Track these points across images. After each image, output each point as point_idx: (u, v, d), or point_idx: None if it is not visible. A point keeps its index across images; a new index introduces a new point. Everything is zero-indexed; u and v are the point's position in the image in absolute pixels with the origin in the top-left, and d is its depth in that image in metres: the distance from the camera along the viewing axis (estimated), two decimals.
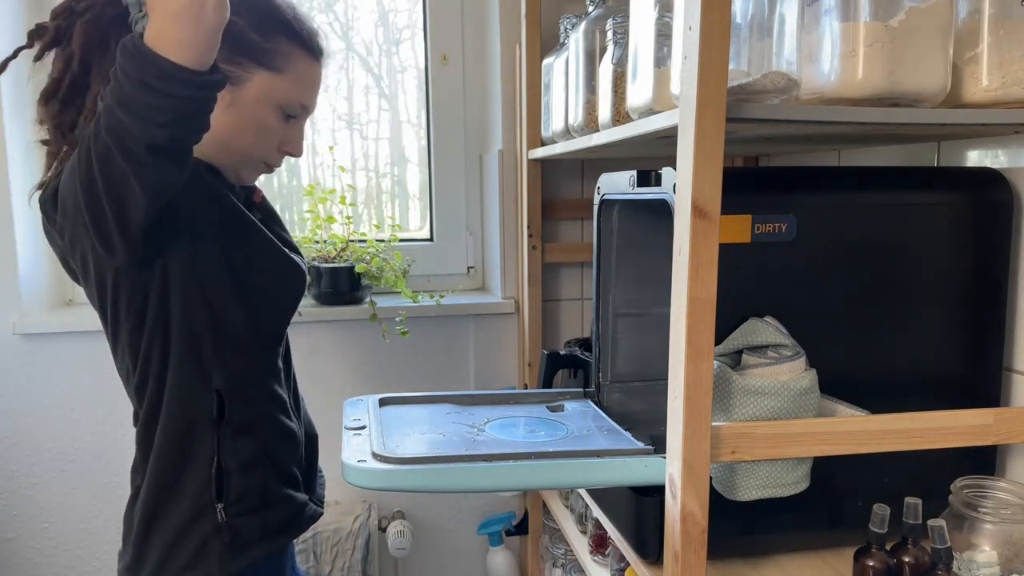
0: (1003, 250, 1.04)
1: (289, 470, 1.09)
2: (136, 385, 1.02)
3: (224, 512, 1.00)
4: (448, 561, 1.91)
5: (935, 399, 1.02)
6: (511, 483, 0.99)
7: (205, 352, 0.99)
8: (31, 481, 1.69)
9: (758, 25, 0.84)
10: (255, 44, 0.97)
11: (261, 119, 1.01)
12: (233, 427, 1.01)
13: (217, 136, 0.96)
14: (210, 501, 1.00)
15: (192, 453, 1.00)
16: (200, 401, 1.00)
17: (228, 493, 1.01)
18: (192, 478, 1.00)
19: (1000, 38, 0.86)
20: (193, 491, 1.00)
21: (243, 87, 0.98)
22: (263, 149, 1.04)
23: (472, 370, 1.85)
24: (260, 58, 0.98)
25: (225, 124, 0.98)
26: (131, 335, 0.99)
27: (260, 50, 0.98)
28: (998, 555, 0.88)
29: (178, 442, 1.01)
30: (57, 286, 1.77)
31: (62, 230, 0.94)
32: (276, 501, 1.06)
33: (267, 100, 1.00)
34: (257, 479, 1.03)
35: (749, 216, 0.94)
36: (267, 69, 0.99)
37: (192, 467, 1.00)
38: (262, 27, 0.98)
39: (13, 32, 1.63)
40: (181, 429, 1.00)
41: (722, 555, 1.00)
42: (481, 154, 1.94)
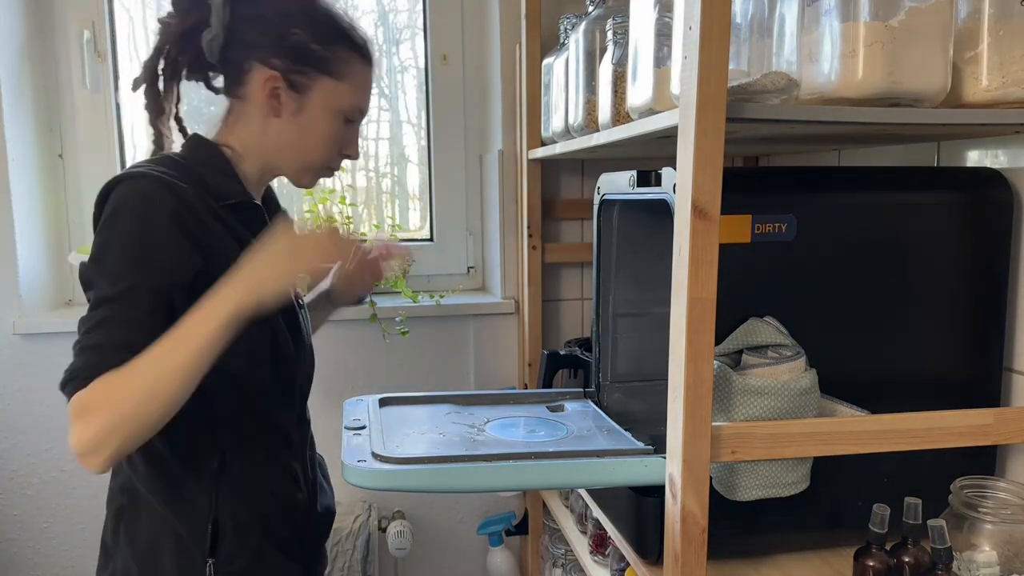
0: (1003, 250, 1.04)
1: (286, 537, 1.06)
2: None
3: (213, 568, 0.98)
4: (448, 561, 1.91)
5: (935, 399, 1.02)
6: (511, 483, 0.99)
7: (219, 408, 0.98)
8: (31, 481, 1.69)
9: (758, 25, 0.84)
10: (318, 54, 1.01)
11: (325, 125, 1.04)
12: (232, 487, 1.00)
13: (284, 143, 1.03)
14: (202, 555, 0.98)
15: (193, 504, 0.98)
16: (204, 453, 0.99)
17: (220, 550, 0.99)
18: (190, 526, 0.98)
19: (1000, 38, 0.86)
20: (188, 538, 0.98)
21: (308, 95, 1.02)
22: (327, 154, 1.07)
23: (472, 370, 1.85)
24: (323, 66, 1.02)
25: (292, 131, 1.02)
26: None
27: (323, 59, 1.01)
28: (998, 555, 0.88)
29: (177, 486, 0.99)
30: (57, 286, 1.77)
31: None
32: (265, 566, 1.03)
33: (331, 106, 1.03)
34: (251, 541, 1.02)
35: (749, 216, 0.94)
36: (330, 76, 1.02)
37: (189, 516, 0.98)
38: (323, 37, 1.01)
39: (13, 32, 1.63)
40: (182, 474, 0.99)
41: (722, 555, 0.99)
42: (481, 154, 1.94)
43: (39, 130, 1.71)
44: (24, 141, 1.64)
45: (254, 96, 1.01)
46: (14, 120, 1.61)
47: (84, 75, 1.74)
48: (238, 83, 1.02)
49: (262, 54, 0.99)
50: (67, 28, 1.73)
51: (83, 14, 1.73)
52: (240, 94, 1.02)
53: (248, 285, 0.87)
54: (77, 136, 1.76)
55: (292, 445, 1.09)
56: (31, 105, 1.68)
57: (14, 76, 1.62)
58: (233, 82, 1.02)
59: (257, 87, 1.00)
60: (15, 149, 1.61)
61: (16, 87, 1.62)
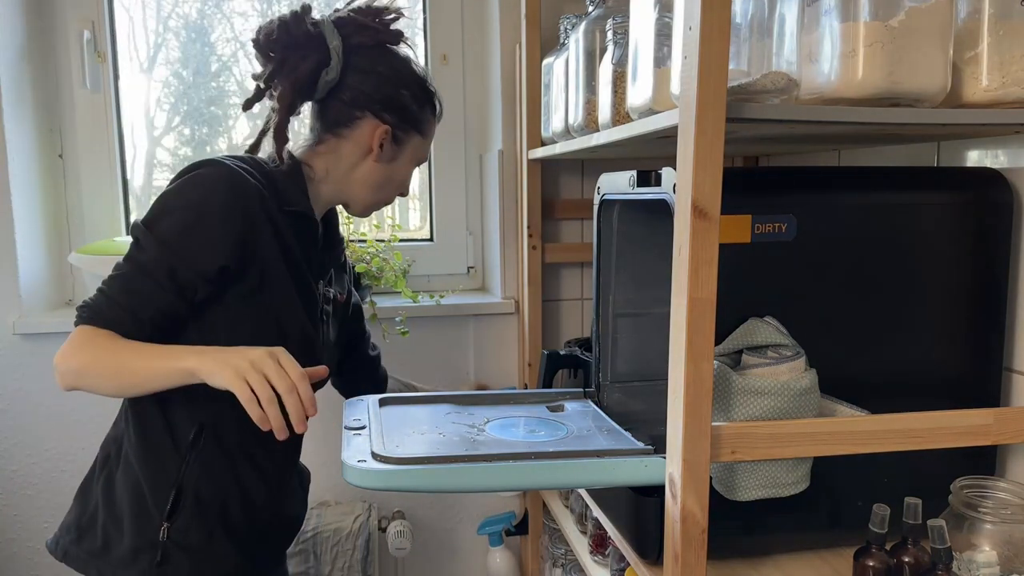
0: (1003, 250, 1.04)
1: (240, 532, 1.12)
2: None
3: (167, 533, 1.06)
4: (448, 561, 1.91)
5: (935, 399, 1.02)
6: (511, 483, 0.99)
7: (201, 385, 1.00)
8: (31, 481, 1.69)
9: (758, 25, 0.84)
10: (416, 115, 1.17)
11: (405, 173, 1.22)
12: (203, 461, 1.08)
13: (369, 182, 1.18)
14: (160, 517, 1.06)
15: (163, 466, 1.08)
16: (183, 423, 1.08)
17: (177, 518, 1.06)
18: (154, 488, 1.07)
19: (1000, 38, 0.86)
20: (151, 499, 1.07)
21: (403, 148, 1.18)
22: (395, 193, 1.24)
23: (472, 370, 1.85)
24: (418, 126, 1.18)
25: (380, 174, 1.18)
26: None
27: (419, 120, 1.18)
28: (998, 555, 0.88)
29: (153, 450, 1.08)
30: (57, 286, 1.77)
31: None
32: (215, 552, 1.09)
33: (414, 158, 1.21)
34: (207, 522, 1.08)
35: (749, 216, 0.94)
36: (420, 135, 1.19)
37: (157, 478, 1.07)
38: (421, 100, 1.18)
39: (13, 32, 1.63)
40: (161, 437, 1.08)
41: (722, 555, 0.99)
42: (481, 154, 1.94)
43: (39, 130, 1.71)
44: (24, 141, 1.64)
45: (359, 140, 1.15)
46: (14, 120, 1.61)
47: (84, 75, 1.74)
48: (344, 124, 1.15)
49: (376, 107, 1.14)
50: (67, 28, 1.72)
51: (83, 14, 1.73)
52: (343, 134, 1.15)
53: (213, 363, 0.96)
54: (77, 136, 1.76)
55: (268, 444, 1.09)
56: (31, 105, 1.68)
57: (14, 76, 1.62)
58: (338, 121, 1.15)
59: (366, 134, 1.15)
60: (15, 149, 1.61)
61: (16, 87, 1.62)
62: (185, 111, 1.89)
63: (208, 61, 1.88)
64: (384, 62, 1.15)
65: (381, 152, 1.15)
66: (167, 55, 1.87)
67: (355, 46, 1.12)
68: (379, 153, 1.15)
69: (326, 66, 1.11)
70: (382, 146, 1.15)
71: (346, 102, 1.13)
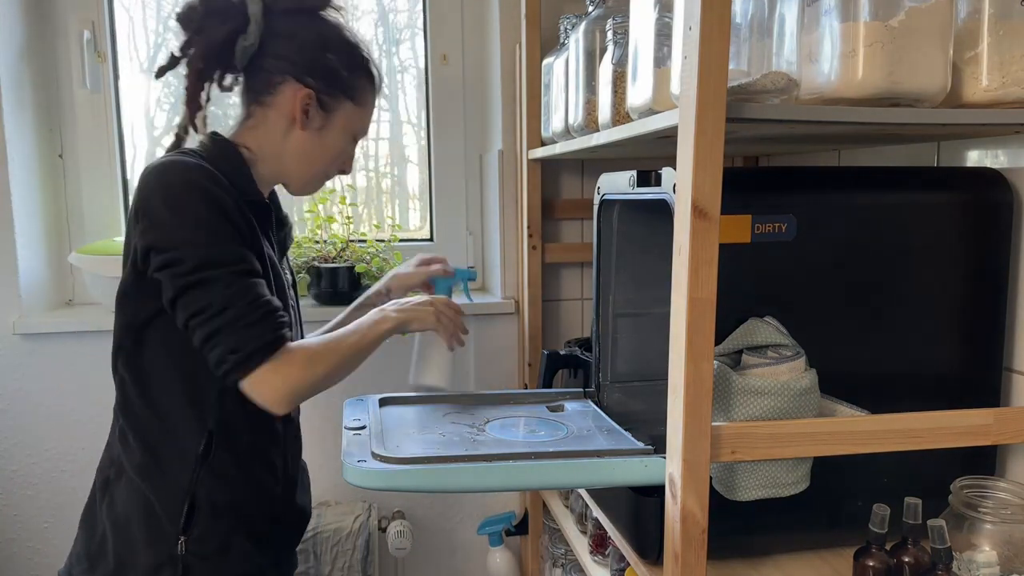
0: (1003, 250, 1.04)
1: (258, 528, 1.10)
2: (131, 398, 1.06)
3: (184, 546, 1.03)
4: (448, 561, 1.91)
5: (935, 399, 1.02)
6: (511, 483, 0.99)
7: (207, 392, 1.04)
8: (31, 481, 1.69)
9: (758, 25, 0.84)
10: (346, 79, 1.12)
11: (339, 143, 1.15)
12: (214, 469, 1.05)
13: (301, 153, 1.12)
14: (175, 531, 1.03)
15: (173, 481, 1.04)
16: (191, 435, 1.04)
17: (192, 529, 1.04)
18: (166, 503, 1.04)
19: (1000, 38, 0.86)
20: (163, 514, 1.04)
21: (333, 116, 1.12)
22: (332, 167, 1.18)
23: (472, 370, 1.85)
24: (349, 92, 1.13)
25: (310, 144, 1.12)
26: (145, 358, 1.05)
27: (350, 85, 1.12)
28: (998, 555, 0.88)
29: (160, 465, 1.05)
30: (57, 286, 1.77)
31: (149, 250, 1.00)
32: (235, 554, 1.07)
33: (348, 128, 1.15)
34: (224, 525, 1.06)
35: (749, 216, 0.94)
36: (352, 102, 1.13)
37: (168, 493, 1.04)
38: (351, 65, 1.12)
39: (13, 32, 1.63)
40: (169, 453, 1.05)
41: (722, 555, 0.99)
42: (481, 154, 1.94)
43: (39, 130, 1.71)
44: (24, 141, 1.64)
45: (282, 107, 1.09)
46: (14, 120, 1.61)
47: (84, 75, 1.74)
48: (267, 91, 1.09)
49: (298, 71, 1.08)
50: (67, 28, 1.72)
51: (83, 14, 1.73)
52: (266, 102, 1.10)
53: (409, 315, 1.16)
54: (77, 136, 1.76)
55: (276, 438, 1.13)
56: (31, 105, 1.68)
57: (14, 76, 1.62)
58: (261, 89, 1.10)
59: (288, 99, 1.09)
60: (15, 149, 1.61)
61: (16, 87, 1.62)
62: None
63: None
64: (308, 27, 1.10)
65: (307, 119, 1.09)
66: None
67: (278, 12, 1.08)
68: (304, 120, 1.09)
69: (243, 32, 1.06)
70: (307, 113, 1.09)
71: (267, 69, 1.08)
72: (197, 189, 0.99)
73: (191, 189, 0.99)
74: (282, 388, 0.98)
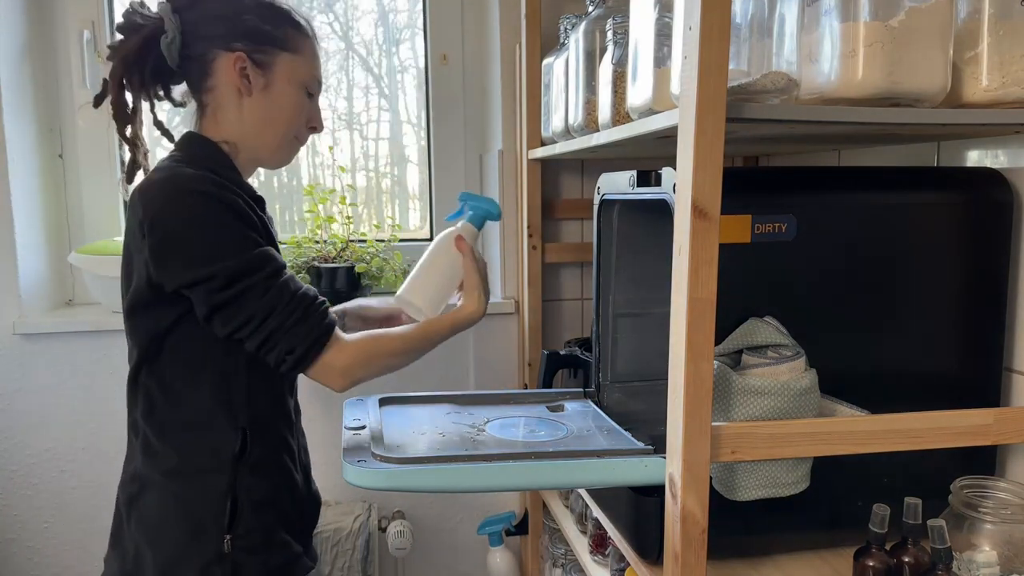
0: (1003, 250, 1.04)
1: (291, 517, 1.13)
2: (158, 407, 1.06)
3: (231, 544, 1.04)
4: (448, 561, 1.91)
5: (935, 399, 1.01)
6: (511, 483, 0.99)
7: (239, 391, 1.06)
8: (31, 481, 1.69)
9: (758, 25, 0.84)
10: (271, 33, 1.10)
11: (292, 97, 1.12)
12: (251, 465, 1.06)
13: (259, 120, 1.10)
14: (219, 531, 1.03)
15: (210, 482, 1.04)
16: (226, 435, 1.05)
17: (237, 526, 1.04)
18: (206, 505, 1.04)
19: (1000, 38, 0.86)
20: (204, 516, 1.04)
21: (272, 71, 1.10)
22: (296, 126, 1.14)
23: (472, 370, 1.85)
24: (279, 43, 1.10)
25: (263, 106, 1.10)
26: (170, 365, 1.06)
27: (277, 37, 1.10)
28: (998, 555, 0.88)
29: (196, 467, 1.05)
30: (57, 286, 1.77)
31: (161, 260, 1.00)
32: (277, 544, 1.09)
33: (294, 79, 1.11)
34: (266, 519, 1.08)
35: (749, 216, 0.94)
36: (287, 52, 1.10)
37: (208, 496, 1.04)
38: (272, 19, 1.10)
39: (13, 32, 1.63)
40: (204, 455, 1.05)
41: (722, 555, 0.99)
42: (481, 154, 1.94)
43: (39, 130, 1.71)
44: (24, 141, 1.64)
45: (223, 82, 1.08)
46: (14, 120, 1.61)
47: (84, 75, 1.74)
48: (205, 75, 1.09)
49: (223, 42, 1.07)
50: (67, 28, 1.73)
51: (83, 14, 1.73)
52: (209, 85, 1.09)
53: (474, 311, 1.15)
54: (77, 136, 1.76)
55: (293, 429, 1.16)
56: (31, 105, 1.68)
57: (14, 76, 1.62)
58: (200, 76, 1.09)
59: (225, 71, 1.07)
60: (15, 149, 1.61)
61: (16, 87, 1.62)
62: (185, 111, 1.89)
63: None
64: (216, 2, 1.09)
65: (249, 84, 1.08)
66: None
67: (186, 4, 1.08)
68: (246, 85, 1.08)
69: (162, 33, 1.06)
70: (247, 76, 1.07)
71: (197, 56, 1.08)
72: (210, 199, 0.99)
73: (205, 201, 0.99)
74: (343, 370, 1.04)
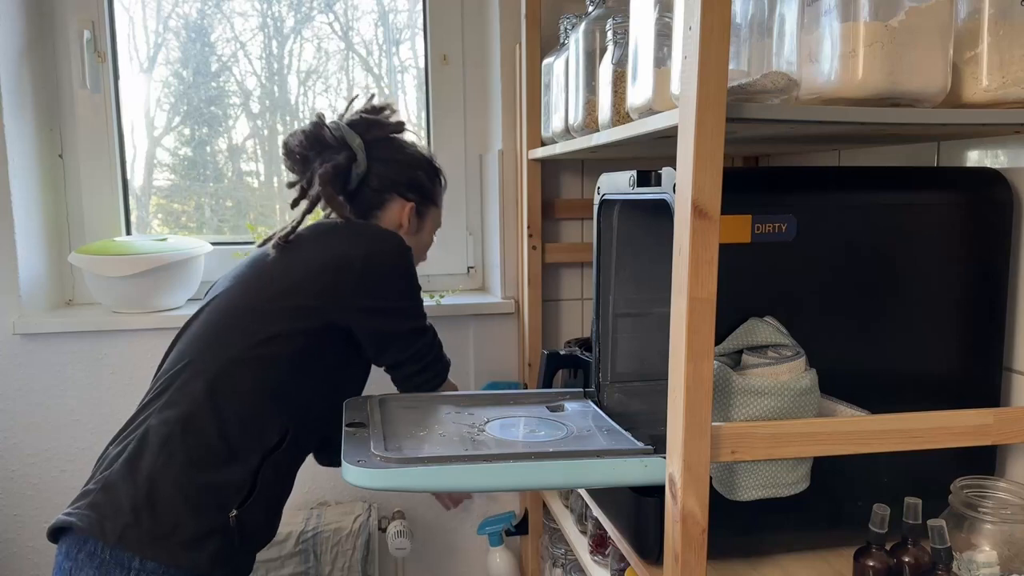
0: (1003, 250, 1.04)
1: (280, 512, 1.27)
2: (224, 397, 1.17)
3: (235, 520, 1.13)
4: (448, 561, 1.91)
5: (935, 399, 1.02)
6: (511, 483, 0.99)
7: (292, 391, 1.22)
8: (31, 481, 1.69)
9: (758, 25, 0.84)
10: (431, 190, 1.43)
11: (429, 240, 1.49)
12: (276, 464, 1.19)
13: None
14: (232, 506, 1.13)
15: (246, 461, 1.16)
16: (270, 428, 1.19)
17: (245, 508, 1.14)
18: (225, 484, 1.14)
19: (1000, 38, 0.86)
20: (221, 490, 1.13)
21: (425, 220, 1.44)
22: (422, 258, 1.48)
23: (472, 370, 1.85)
24: (434, 199, 1.45)
25: (412, 244, 1.33)
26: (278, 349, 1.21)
27: (434, 193, 1.44)
28: (998, 555, 0.88)
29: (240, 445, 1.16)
30: (57, 286, 1.77)
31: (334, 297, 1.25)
32: (262, 530, 1.21)
33: (434, 226, 1.48)
34: (268, 509, 1.21)
35: (749, 216, 0.94)
36: (435, 205, 1.46)
37: (236, 475, 1.15)
38: (431, 177, 1.44)
39: (13, 32, 1.63)
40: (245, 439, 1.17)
41: (722, 555, 0.99)
42: (481, 154, 1.94)
43: (39, 130, 1.71)
44: (24, 141, 1.64)
45: (390, 218, 1.39)
46: (14, 120, 1.61)
47: (84, 75, 1.74)
48: (376, 206, 1.38)
49: (401, 190, 1.39)
50: (67, 28, 1.73)
51: (83, 14, 1.73)
52: (376, 214, 1.39)
53: None
54: (77, 136, 1.76)
55: (303, 457, 1.30)
56: (31, 105, 1.68)
57: (14, 76, 1.62)
58: (372, 205, 1.38)
59: (396, 212, 1.39)
60: (15, 149, 1.61)
61: (16, 87, 1.62)
62: (185, 111, 1.89)
63: (208, 61, 1.88)
64: (400, 151, 1.39)
65: (410, 225, 1.39)
66: (167, 55, 1.87)
67: (371, 141, 1.35)
68: (408, 227, 1.39)
69: (355, 160, 1.34)
70: (410, 221, 1.38)
71: (375, 189, 1.37)
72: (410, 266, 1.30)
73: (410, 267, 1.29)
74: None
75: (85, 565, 1.06)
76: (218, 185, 1.93)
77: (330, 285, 1.23)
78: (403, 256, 1.28)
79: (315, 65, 1.93)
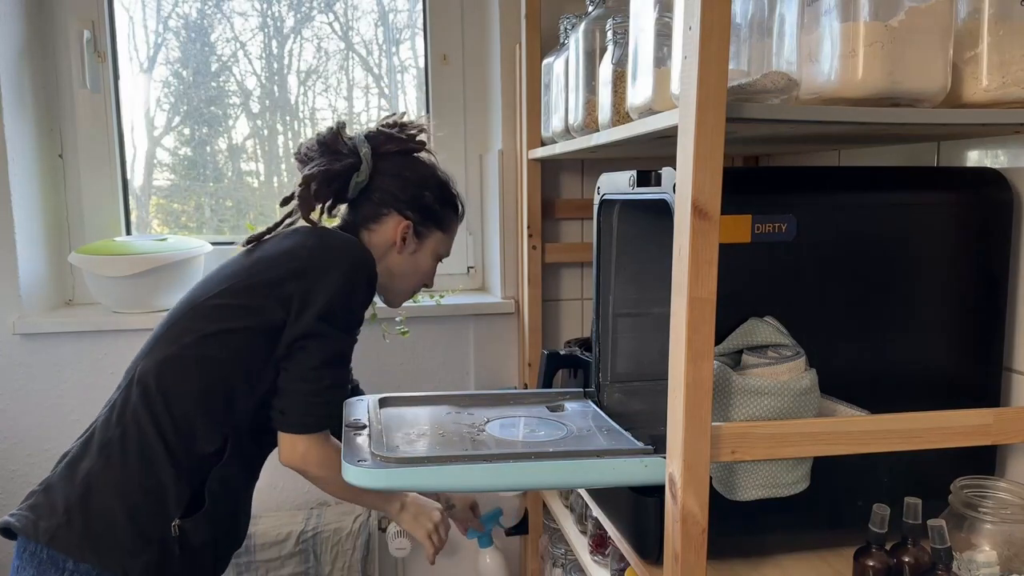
0: (1003, 250, 1.04)
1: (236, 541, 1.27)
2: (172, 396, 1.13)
3: (178, 528, 1.11)
4: (447, 561, 1.91)
5: (935, 399, 1.01)
6: (511, 483, 0.99)
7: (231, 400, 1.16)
8: (31, 481, 1.68)
9: (758, 25, 0.84)
10: (438, 213, 1.34)
11: (427, 265, 1.37)
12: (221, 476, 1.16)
13: (396, 271, 1.33)
14: (174, 514, 1.11)
15: (179, 465, 1.12)
16: (204, 432, 1.14)
17: (189, 518, 1.12)
18: (176, 486, 1.11)
19: (1000, 38, 0.86)
20: (170, 497, 1.11)
21: (424, 242, 1.34)
22: (419, 285, 1.39)
23: (472, 370, 1.85)
24: (440, 223, 1.35)
25: (404, 264, 1.33)
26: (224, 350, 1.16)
27: (441, 217, 1.34)
28: (998, 555, 0.88)
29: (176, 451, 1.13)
30: (57, 286, 1.77)
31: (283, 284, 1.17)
32: (203, 557, 1.17)
33: (435, 252, 1.37)
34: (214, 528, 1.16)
35: (749, 216, 0.94)
36: (440, 230, 1.35)
37: (176, 475, 1.11)
38: (442, 200, 1.34)
39: (13, 32, 1.63)
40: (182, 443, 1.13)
41: (722, 555, 0.99)
42: (481, 154, 1.94)
43: (39, 130, 1.71)
44: (24, 141, 1.64)
45: (384, 234, 1.30)
46: (14, 120, 1.61)
47: (84, 75, 1.74)
48: (373, 219, 1.31)
49: (400, 206, 1.30)
50: (67, 28, 1.73)
51: (83, 14, 1.73)
52: (371, 227, 1.31)
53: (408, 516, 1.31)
54: (77, 136, 1.76)
55: (256, 477, 1.28)
56: (31, 105, 1.68)
57: (14, 76, 1.62)
58: (368, 217, 1.31)
59: (390, 229, 1.30)
60: (15, 149, 1.61)
61: (16, 87, 1.62)
62: (185, 111, 1.89)
63: (208, 61, 1.88)
64: (410, 168, 1.32)
65: (404, 245, 1.31)
66: (167, 55, 1.87)
67: (383, 154, 1.30)
68: (402, 245, 1.31)
69: (357, 169, 1.28)
70: (404, 239, 1.30)
71: (375, 202, 1.30)
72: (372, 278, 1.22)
73: (370, 277, 1.21)
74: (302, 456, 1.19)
75: (28, 564, 1.08)
76: (218, 185, 1.93)
77: (273, 280, 1.16)
78: (356, 266, 1.19)
79: (315, 65, 1.93)
